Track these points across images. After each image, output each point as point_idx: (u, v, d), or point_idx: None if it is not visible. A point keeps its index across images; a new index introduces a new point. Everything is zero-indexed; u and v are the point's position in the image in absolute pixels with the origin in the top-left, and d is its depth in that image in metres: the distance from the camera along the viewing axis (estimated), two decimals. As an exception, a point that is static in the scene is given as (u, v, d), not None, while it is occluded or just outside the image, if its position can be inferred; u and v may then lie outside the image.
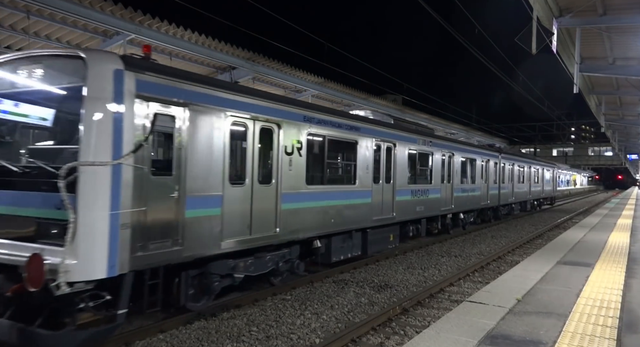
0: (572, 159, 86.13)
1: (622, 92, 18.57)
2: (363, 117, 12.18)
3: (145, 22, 11.04)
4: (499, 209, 23.67)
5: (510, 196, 25.19)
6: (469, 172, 18.89)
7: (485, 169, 20.68)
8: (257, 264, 8.33)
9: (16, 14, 9.57)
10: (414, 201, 13.77)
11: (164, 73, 6.32)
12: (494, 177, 22.10)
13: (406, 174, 13.39)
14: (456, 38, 11.91)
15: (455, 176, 16.95)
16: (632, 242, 12.52)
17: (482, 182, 20.19)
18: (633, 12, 10.51)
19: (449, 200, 16.61)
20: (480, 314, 5.59)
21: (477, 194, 19.60)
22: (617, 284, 7.38)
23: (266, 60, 14.67)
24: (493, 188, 21.87)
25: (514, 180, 25.66)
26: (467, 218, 19.39)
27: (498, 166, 22.55)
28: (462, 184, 17.72)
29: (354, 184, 10.92)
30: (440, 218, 16.32)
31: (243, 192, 7.71)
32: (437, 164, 15.45)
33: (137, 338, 6.60)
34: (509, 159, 24.77)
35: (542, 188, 33.78)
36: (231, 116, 7.41)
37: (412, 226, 14.31)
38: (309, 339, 6.80)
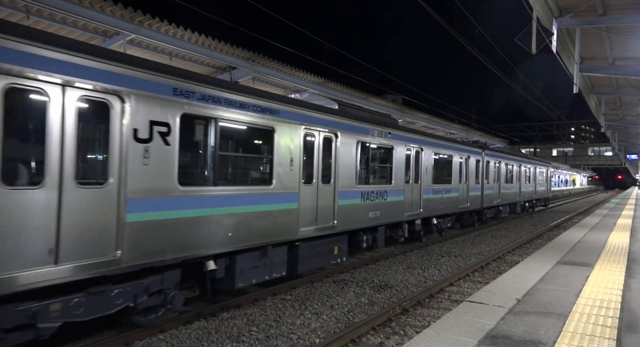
0: (572, 159, 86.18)
1: (621, 92, 18.57)
2: (283, 97, 9.25)
3: (145, 22, 11.04)
4: (483, 213, 21.40)
5: (496, 198, 22.59)
6: (443, 170, 16.56)
7: (465, 168, 18.12)
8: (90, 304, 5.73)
9: (16, 14, 9.56)
10: (365, 205, 11.22)
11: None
12: (476, 176, 19.62)
13: (353, 172, 10.83)
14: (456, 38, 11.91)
15: (425, 174, 14.48)
16: (632, 242, 12.52)
17: (461, 182, 17.76)
18: (633, 12, 10.52)
19: (417, 203, 14.05)
20: (480, 314, 5.59)
21: (454, 195, 17.07)
22: (617, 284, 7.38)
23: (266, 60, 14.67)
24: (475, 189, 19.33)
25: (501, 180, 23.12)
26: (444, 223, 16.88)
27: (481, 164, 20.11)
28: (434, 184, 15.16)
29: (269, 185, 8.33)
30: (408, 224, 13.85)
31: None
32: (399, 161, 12.88)
33: (137, 338, 6.60)
34: (494, 156, 22.25)
35: (534, 189, 30.98)
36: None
37: (366, 236, 11.69)
38: (308, 339, 6.80)
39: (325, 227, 9.85)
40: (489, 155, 21.48)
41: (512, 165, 25.28)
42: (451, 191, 16.75)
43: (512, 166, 25.38)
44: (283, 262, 8.88)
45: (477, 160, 19.64)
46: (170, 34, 11.69)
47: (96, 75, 5.57)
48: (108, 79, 5.70)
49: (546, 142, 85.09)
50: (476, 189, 19.55)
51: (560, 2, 10.83)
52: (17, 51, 4.90)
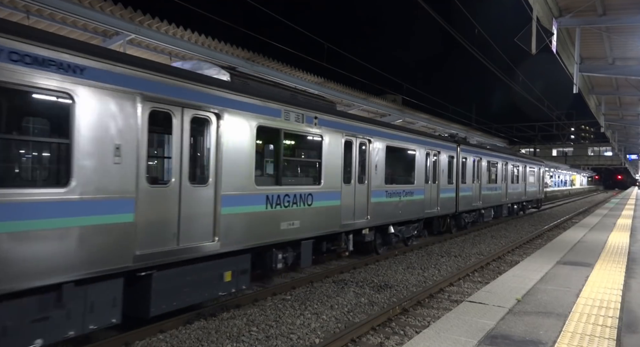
0: (572, 159, 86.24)
1: (621, 92, 18.59)
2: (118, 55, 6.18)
3: (145, 22, 11.04)
4: (461, 217, 18.61)
5: (476, 200, 19.64)
6: (402, 168, 14.02)
7: (433, 165, 15.42)
8: None
9: (16, 14, 9.56)
10: (272, 214, 8.40)
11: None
12: (450, 175, 16.94)
13: (251, 168, 7.92)
14: (456, 38, 11.91)
15: (375, 173, 11.73)
16: (631, 242, 12.52)
17: (428, 182, 14.99)
18: (633, 12, 10.53)
19: (362, 209, 11.27)
20: (480, 314, 5.59)
21: (419, 198, 14.23)
22: (617, 284, 7.38)
23: (266, 61, 14.68)
24: (447, 190, 16.58)
25: (482, 179, 20.18)
26: (407, 231, 14.15)
27: (456, 161, 17.36)
28: (389, 185, 12.44)
29: (65, 187, 5.32)
30: (354, 235, 11.33)
31: None
32: (333, 155, 10.09)
33: (136, 338, 6.60)
34: (473, 152, 19.27)
35: (523, 189, 27.74)
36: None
37: (283, 253, 8.98)
38: (308, 339, 6.80)
39: (196, 247, 6.95)
40: (467, 151, 18.59)
41: (496, 163, 22.48)
42: (414, 193, 13.90)
43: (497, 164, 22.62)
44: (110, 301, 6.03)
45: (450, 157, 16.90)
46: (170, 34, 11.69)
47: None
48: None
49: (546, 142, 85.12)
50: (449, 190, 16.82)
51: (560, 2, 10.84)
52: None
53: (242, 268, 8.00)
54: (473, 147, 19.90)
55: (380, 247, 13.18)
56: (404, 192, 13.39)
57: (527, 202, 29.86)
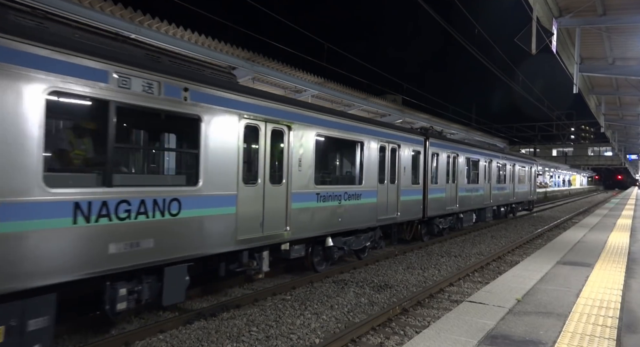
0: (572, 159, 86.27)
1: (621, 93, 18.60)
2: None
3: (145, 22, 11.04)
4: (433, 223, 16.16)
5: (451, 203, 17.03)
6: (343, 164, 11.91)
7: (390, 162, 12.83)
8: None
9: (16, 14, 9.56)
10: (137, 227, 6.16)
11: None
12: (415, 174, 14.38)
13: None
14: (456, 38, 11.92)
15: (299, 171, 9.30)
16: (631, 242, 12.52)
17: (384, 181, 12.41)
18: (633, 12, 10.53)
19: (277, 217, 8.71)
20: (480, 314, 5.59)
21: (369, 202, 11.63)
22: (617, 284, 7.38)
23: (266, 61, 14.68)
24: (411, 192, 13.94)
25: (459, 179, 17.57)
26: (356, 242, 11.58)
27: (424, 158, 14.87)
28: (319, 185, 9.90)
29: None
30: (269, 252, 8.85)
31: None
32: (220, 145, 7.48)
33: (137, 338, 6.60)
34: (447, 147, 16.60)
35: (511, 190, 25.01)
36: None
37: (140, 286, 6.48)
38: (308, 339, 6.80)
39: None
40: (438, 146, 15.91)
41: (477, 160, 19.74)
42: (362, 195, 11.33)
43: (479, 162, 19.93)
44: None
45: (415, 152, 14.29)
46: (170, 34, 11.69)
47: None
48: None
49: (546, 142, 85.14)
50: (414, 192, 14.20)
51: (560, 2, 10.85)
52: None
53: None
54: (447, 141, 17.14)
55: (322, 264, 10.78)
56: (347, 195, 10.78)
57: (516, 204, 27.28)
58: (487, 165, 21.12)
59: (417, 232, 15.55)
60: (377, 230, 12.64)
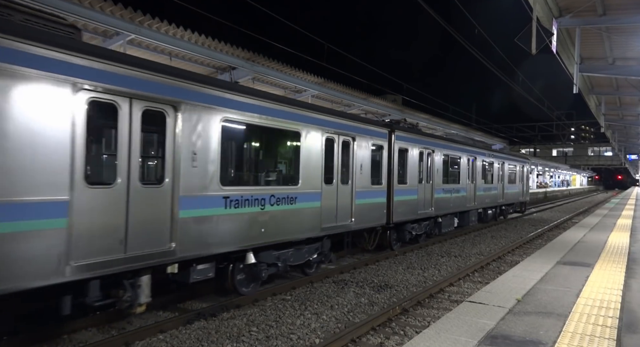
0: (572, 159, 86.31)
1: (621, 93, 18.59)
2: None
3: (145, 23, 11.03)
4: (404, 229, 14.13)
5: (425, 206, 14.93)
6: (274, 161, 9.61)
7: (341, 158, 10.73)
8: None
9: (16, 14, 9.56)
10: None
11: None
12: (377, 173, 12.42)
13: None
14: (456, 38, 11.91)
15: (192, 168, 7.10)
16: (631, 242, 12.52)
17: (329, 182, 10.33)
18: (633, 12, 10.53)
19: (160, 232, 6.57)
20: (480, 314, 5.59)
21: (309, 207, 9.61)
22: (617, 284, 7.38)
23: (266, 61, 14.67)
24: (370, 194, 11.87)
25: (435, 179, 15.54)
26: (296, 256, 9.60)
27: (389, 154, 12.88)
28: (234, 187, 7.94)
29: None
30: (149, 275, 6.64)
31: None
32: (51, 133, 5.37)
33: (137, 338, 6.60)
34: (418, 142, 14.49)
35: (500, 191, 22.79)
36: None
37: None
38: (308, 339, 6.80)
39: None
40: (408, 141, 13.88)
41: (458, 158, 17.66)
42: (297, 199, 9.25)
43: (460, 159, 17.81)
44: None
45: (377, 147, 12.38)
46: (170, 34, 11.69)
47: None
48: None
49: (546, 143, 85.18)
50: (375, 194, 12.14)
51: (560, 2, 10.84)
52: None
53: None
54: (420, 135, 14.97)
55: (248, 284, 8.64)
56: (274, 199, 8.69)
57: (506, 206, 25.00)
58: (471, 163, 18.99)
59: (387, 240, 13.68)
60: (326, 240, 10.54)
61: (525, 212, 29.34)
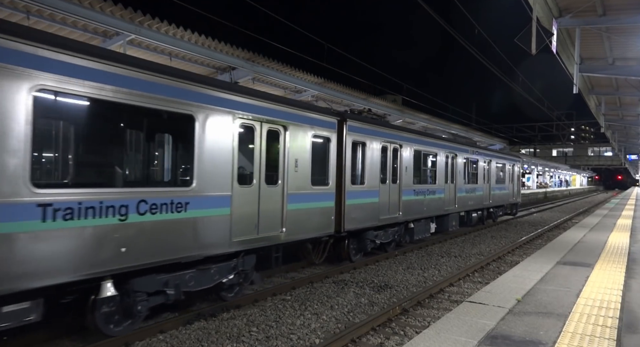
0: (572, 159, 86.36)
1: (621, 93, 18.60)
2: None
3: (145, 23, 11.03)
4: (364, 238, 12.11)
5: (392, 210, 12.98)
6: (145, 155, 6.98)
7: (264, 152, 8.73)
8: None
9: (16, 15, 9.56)
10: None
11: None
12: (322, 171, 10.42)
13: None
14: (456, 38, 11.92)
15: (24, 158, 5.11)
16: (632, 243, 12.52)
17: (244, 183, 8.26)
18: (633, 12, 10.53)
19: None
20: (480, 315, 5.59)
21: (214, 216, 7.53)
22: (617, 285, 7.38)
23: (266, 61, 14.66)
24: (311, 197, 9.87)
25: (403, 178, 13.51)
26: (197, 280, 7.49)
27: (339, 148, 10.86)
28: (69, 188, 5.65)
29: None
30: None
31: None
32: None
33: (137, 338, 6.60)
34: (379, 134, 12.33)
35: (486, 192, 20.79)
36: None
37: None
38: (308, 340, 6.80)
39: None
40: (365, 133, 11.71)
41: (434, 154, 15.72)
42: (189, 205, 7.08)
43: (436, 156, 15.88)
44: None
45: (322, 139, 10.32)
46: (170, 34, 11.68)
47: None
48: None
49: (546, 143, 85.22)
50: (317, 197, 10.08)
51: (560, 2, 10.84)
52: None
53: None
54: (382, 127, 12.61)
55: (122, 323, 6.51)
56: (149, 206, 6.43)
57: (495, 208, 22.84)
58: (450, 161, 17.06)
59: (344, 251, 11.75)
60: (247, 257, 8.40)
61: (516, 214, 27.01)
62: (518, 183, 26.14)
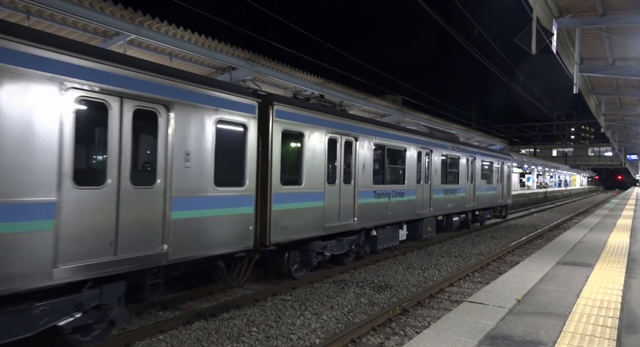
0: (572, 159, 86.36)
1: (621, 93, 18.60)
2: None
3: (145, 23, 11.03)
4: (308, 250, 10.08)
5: (342, 216, 10.82)
6: None
7: (121, 141, 6.11)
8: None
9: (16, 15, 9.56)
10: None
11: None
12: (236, 168, 8.19)
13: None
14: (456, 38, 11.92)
15: None
16: (632, 243, 12.52)
17: (85, 183, 5.66)
18: (633, 12, 10.53)
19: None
20: (480, 315, 5.59)
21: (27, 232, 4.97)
22: (617, 285, 7.38)
23: (266, 61, 14.66)
24: (218, 202, 7.60)
25: (359, 177, 11.39)
26: None
27: (264, 138, 8.77)
28: None
29: None
30: None
31: None
32: None
33: (137, 338, 6.60)
34: (321, 123, 10.22)
35: (469, 193, 18.70)
36: None
37: None
38: (309, 340, 6.80)
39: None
40: (299, 120, 9.58)
41: (403, 149, 13.72)
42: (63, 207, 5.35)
43: (405, 152, 13.81)
44: None
45: (237, 128, 8.11)
46: (171, 34, 11.69)
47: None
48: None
49: (546, 143, 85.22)
50: (226, 200, 7.79)
51: (560, 2, 10.84)
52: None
53: None
54: (327, 115, 10.41)
55: None
56: None
57: (481, 210, 20.87)
58: (425, 158, 15.08)
59: (284, 267, 9.80)
60: (103, 288, 5.97)
61: (506, 217, 24.65)
62: (508, 183, 24.01)
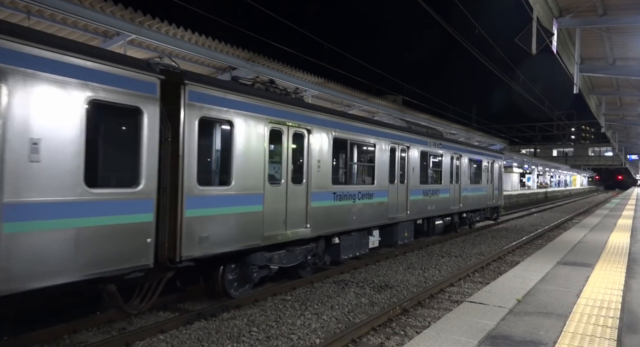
0: (572, 159, 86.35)
1: (622, 93, 18.60)
2: None
3: (146, 23, 11.04)
4: (249, 264, 8.34)
5: (290, 223, 8.99)
6: None
7: None
8: None
9: (17, 15, 9.56)
10: None
11: None
12: (125, 165, 6.35)
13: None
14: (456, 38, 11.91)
15: None
16: (632, 243, 12.52)
17: None
18: (633, 12, 10.53)
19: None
20: (480, 315, 5.59)
21: None
22: (617, 285, 7.38)
23: (266, 61, 14.67)
24: (112, 206, 5.89)
25: (312, 177, 9.62)
26: None
27: (172, 128, 6.78)
28: None
29: None
30: None
31: None
32: None
33: (137, 338, 6.59)
34: (260, 110, 8.35)
35: (454, 194, 17.06)
36: None
37: None
38: (309, 340, 6.80)
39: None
40: (223, 105, 7.60)
41: (371, 145, 12.04)
42: None
43: (374, 148, 12.10)
44: None
45: (126, 112, 6.19)
46: (171, 34, 11.69)
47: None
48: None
49: (546, 143, 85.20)
50: (110, 207, 5.91)
51: (560, 2, 10.85)
52: None
53: None
54: (267, 101, 8.58)
55: None
56: None
57: (469, 213, 19.28)
58: (399, 155, 13.40)
59: (219, 285, 8.17)
60: None
61: (497, 219, 23.13)
62: (500, 183, 22.45)
